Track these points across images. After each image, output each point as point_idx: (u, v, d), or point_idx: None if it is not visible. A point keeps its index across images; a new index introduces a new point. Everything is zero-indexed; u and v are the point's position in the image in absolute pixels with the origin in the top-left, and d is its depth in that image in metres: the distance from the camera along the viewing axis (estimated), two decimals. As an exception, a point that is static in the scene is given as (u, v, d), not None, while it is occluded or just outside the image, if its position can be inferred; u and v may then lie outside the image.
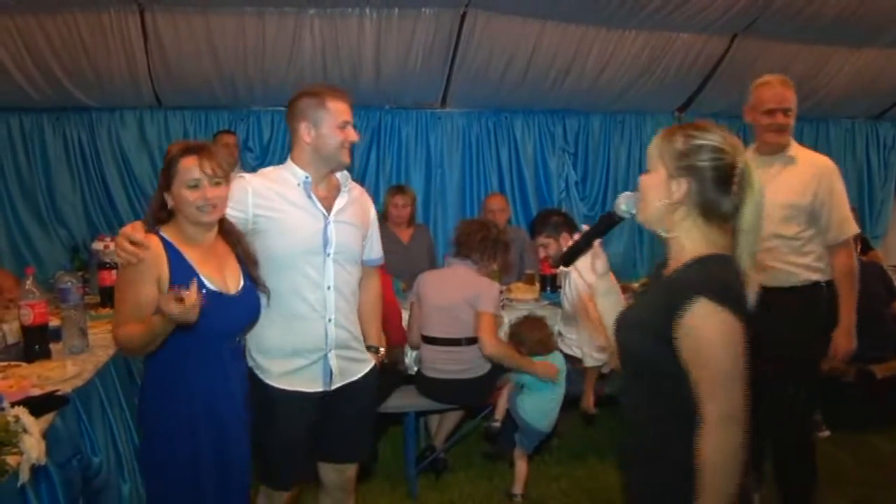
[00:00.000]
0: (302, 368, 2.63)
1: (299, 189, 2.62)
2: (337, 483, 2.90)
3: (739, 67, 6.43)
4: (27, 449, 1.83)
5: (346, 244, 2.68)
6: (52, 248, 6.09)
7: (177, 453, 2.35)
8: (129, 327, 2.22)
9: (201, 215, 2.35)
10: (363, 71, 5.91)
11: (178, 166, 2.33)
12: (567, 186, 7.08)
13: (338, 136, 2.60)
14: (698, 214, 1.69)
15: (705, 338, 1.56)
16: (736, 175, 1.66)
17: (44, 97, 5.72)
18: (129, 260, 2.22)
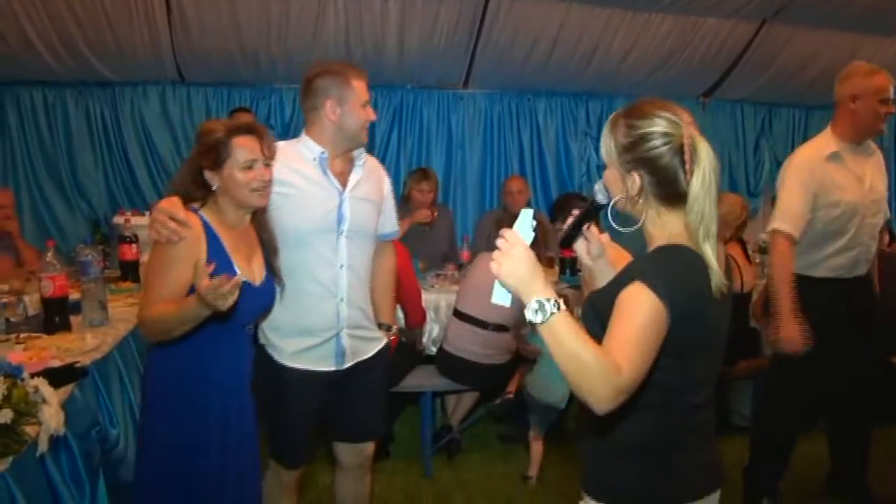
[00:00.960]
0: (313, 347, 2.61)
1: (314, 164, 2.58)
2: (354, 462, 2.89)
3: (767, 54, 6.36)
4: (46, 419, 1.84)
5: (360, 221, 2.64)
6: (74, 222, 6.12)
7: (183, 435, 2.31)
8: (160, 307, 2.12)
9: (254, 197, 2.30)
10: (386, 50, 5.87)
11: (231, 146, 2.24)
12: (588, 170, 7.03)
13: (361, 116, 2.59)
14: (659, 202, 1.65)
15: (627, 310, 1.51)
16: (685, 152, 1.59)
17: (66, 70, 5.72)
18: (170, 238, 2.13)
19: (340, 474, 2.95)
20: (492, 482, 3.97)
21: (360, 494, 2.98)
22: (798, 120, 7.48)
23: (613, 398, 1.42)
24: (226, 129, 2.27)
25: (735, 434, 4.46)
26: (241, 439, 2.45)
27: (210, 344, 2.29)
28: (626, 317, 1.50)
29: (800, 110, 7.43)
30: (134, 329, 3.11)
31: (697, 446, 1.72)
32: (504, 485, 3.95)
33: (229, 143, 2.24)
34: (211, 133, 2.28)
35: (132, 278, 3.78)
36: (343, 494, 2.97)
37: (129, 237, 3.86)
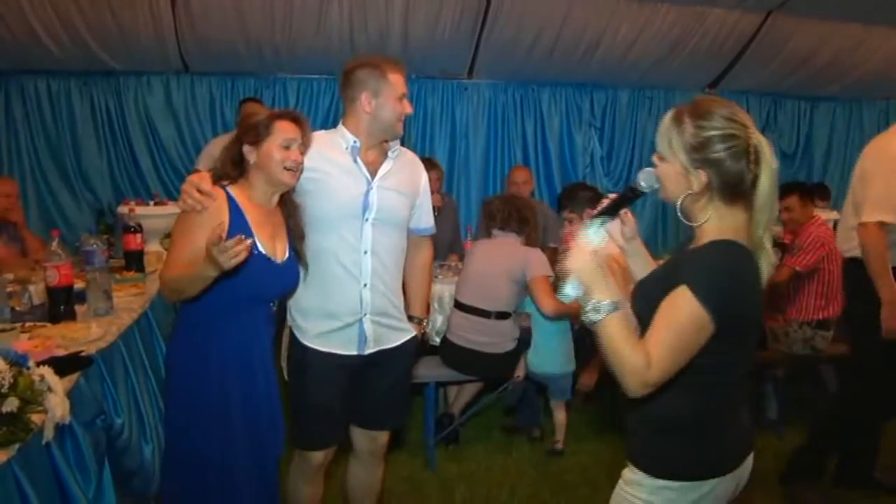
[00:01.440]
0: (336, 330, 2.65)
1: (346, 152, 2.63)
2: (368, 449, 2.91)
3: (772, 45, 6.34)
4: (51, 407, 1.85)
5: (388, 209, 2.66)
6: (80, 212, 6.15)
7: (206, 408, 2.38)
8: (178, 269, 2.25)
9: (286, 175, 2.41)
10: (390, 39, 5.86)
11: (274, 126, 2.39)
12: (592, 161, 7.03)
13: (396, 108, 2.62)
14: (720, 200, 1.72)
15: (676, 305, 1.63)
16: (751, 154, 1.67)
17: (71, 60, 5.73)
18: (194, 207, 2.28)
19: (353, 461, 2.97)
20: (494, 473, 3.98)
21: (370, 483, 3.00)
22: (803, 111, 7.47)
23: (640, 390, 1.62)
24: (270, 113, 2.45)
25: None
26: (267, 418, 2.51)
27: (229, 315, 2.38)
28: (668, 319, 1.64)
29: (805, 101, 7.42)
30: (139, 318, 3.12)
31: (735, 418, 1.84)
32: (507, 476, 3.96)
33: (272, 123, 2.40)
34: (255, 115, 2.47)
35: (137, 268, 3.78)
36: (354, 482, 3.00)
37: (133, 227, 3.85)
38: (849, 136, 7.62)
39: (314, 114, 6.43)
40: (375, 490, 3.04)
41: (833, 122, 7.58)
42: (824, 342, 4.50)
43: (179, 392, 2.44)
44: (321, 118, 6.42)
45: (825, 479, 3.70)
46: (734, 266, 1.68)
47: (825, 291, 4.48)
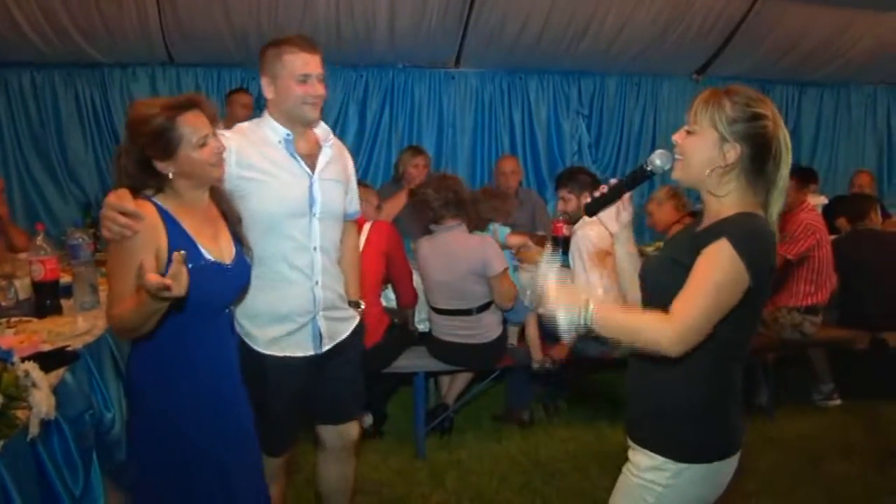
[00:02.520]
0: (291, 333, 2.58)
1: (280, 147, 2.51)
2: (339, 444, 2.87)
3: (760, 30, 6.33)
4: (36, 403, 1.84)
5: (331, 202, 2.61)
6: (65, 205, 6.11)
7: (177, 431, 2.17)
8: (123, 306, 1.95)
9: (214, 171, 2.16)
10: (377, 29, 5.83)
11: (178, 129, 2.05)
12: (580, 149, 7.02)
13: (296, 91, 2.46)
14: (745, 178, 1.79)
15: (706, 264, 1.70)
16: (781, 141, 1.77)
17: (55, 52, 5.68)
18: (123, 233, 1.95)
19: (324, 456, 2.91)
20: (485, 462, 3.98)
21: (344, 476, 2.96)
22: (791, 96, 7.47)
23: (671, 343, 1.65)
24: (165, 111, 2.05)
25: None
26: (239, 426, 2.34)
27: (191, 331, 2.15)
28: (704, 269, 1.70)
29: (793, 87, 7.42)
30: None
31: (740, 397, 1.90)
32: (497, 464, 3.96)
33: (175, 126, 2.05)
34: (149, 119, 2.04)
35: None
36: (327, 477, 2.94)
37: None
38: (836, 121, 7.63)
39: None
40: (349, 485, 3.00)
41: (821, 108, 7.58)
42: (813, 327, 4.52)
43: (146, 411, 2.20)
44: (309, 108, 6.37)
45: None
46: (766, 233, 1.76)
47: (815, 278, 4.50)
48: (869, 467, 3.91)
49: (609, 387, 4.71)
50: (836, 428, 4.42)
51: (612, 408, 4.42)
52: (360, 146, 6.48)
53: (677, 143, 1.85)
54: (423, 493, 3.69)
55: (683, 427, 1.85)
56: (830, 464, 3.96)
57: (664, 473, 1.84)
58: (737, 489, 3.55)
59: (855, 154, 7.67)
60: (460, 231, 3.91)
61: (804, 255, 4.45)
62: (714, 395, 1.83)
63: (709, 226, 1.81)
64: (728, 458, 1.87)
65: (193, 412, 2.18)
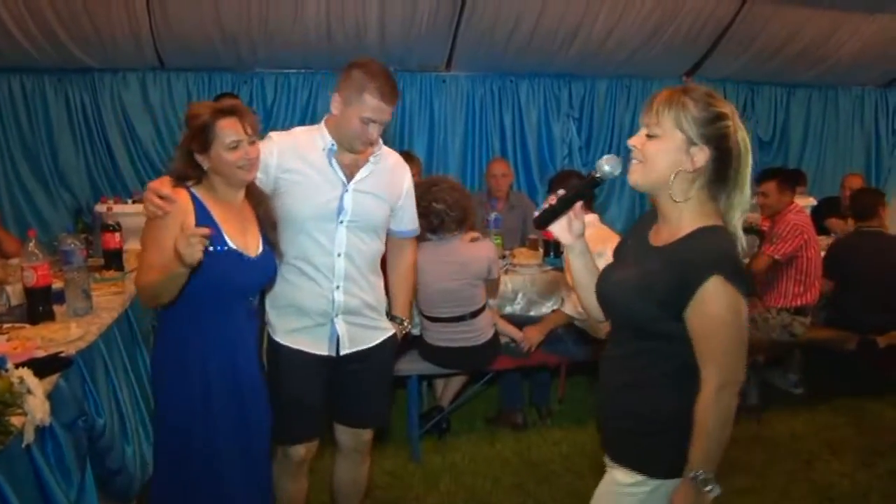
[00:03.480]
0: (306, 329, 2.66)
1: (323, 154, 2.60)
2: (352, 446, 2.92)
3: (749, 32, 6.38)
4: (31, 409, 1.84)
5: (363, 213, 2.65)
6: (56, 212, 6.08)
7: (192, 409, 2.37)
8: (150, 273, 2.24)
9: (242, 174, 2.39)
10: (368, 32, 5.84)
11: (216, 129, 2.33)
12: (570, 151, 7.04)
13: (357, 128, 2.55)
14: (708, 182, 1.73)
15: (714, 313, 1.66)
16: (741, 142, 1.71)
17: (45, 57, 5.67)
18: (156, 213, 2.26)
19: (339, 457, 2.98)
20: (478, 464, 3.99)
21: (356, 478, 3.01)
22: (780, 98, 7.52)
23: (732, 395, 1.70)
24: (210, 113, 2.35)
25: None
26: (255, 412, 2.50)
27: (207, 314, 2.37)
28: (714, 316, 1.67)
29: (782, 88, 7.47)
30: (119, 318, 3.10)
31: None
32: (491, 466, 3.97)
33: (214, 127, 2.33)
34: (196, 117, 2.36)
35: (116, 267, 3.75)
36: (339, 479, 3.01)
37: (111, 225, 3.82)
38: (825, 122, 7.67)
39: (292, 109, 6.40)
40: (361, 486, 3.06)
41: (809, 110, 7.63)
42: (802, 328, 4.55)
43: (167, 392, 2.43)
44: (299, 113, 6.38)
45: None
46: (736, 246, 1.73)
47: (803, 278, 4.53)
48: (858, 465, 3.94)
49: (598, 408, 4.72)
50: (826, 427, 4.45)
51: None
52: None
53: (636, 147, 1.78)
54: (417, 495, 3.70)
55: (658, 443, 1.83)
56: (821, 462, 3.99)
57: (644, 488, 1.84)
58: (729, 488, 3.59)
59: (843, 156, 7.72)
60: (460, 240, 3.90)
61: (792, 256, 4.48)
62: (689, 408, 1.75)
63: (676, 245, 1.75)
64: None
65: (206, 391, 2.38)
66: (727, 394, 1.69)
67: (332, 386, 2.74)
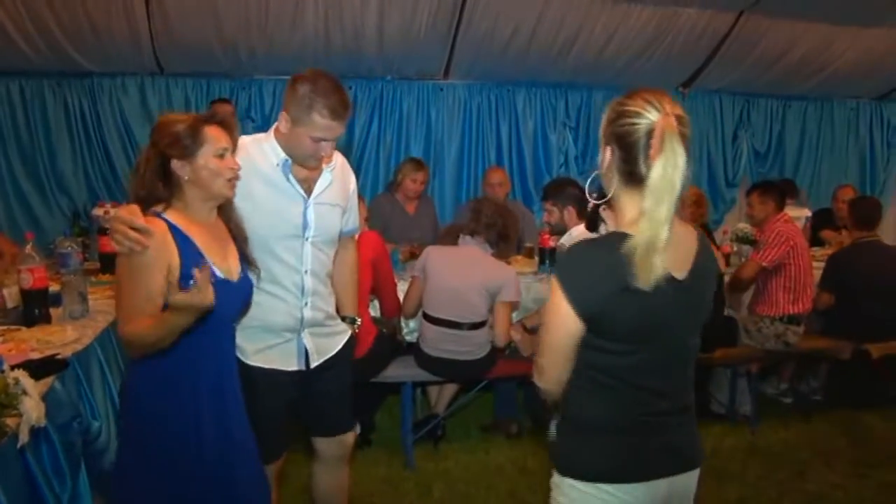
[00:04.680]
0: (275, 346, 2.60)
1: (278, 169, 2.51)
2: (335, 454, 2.90)
3: (745, 44, 6.41)
4: (27, 411, 1.85)
5: (325, 227, 2.61)
6: (51, 216, 6.07)
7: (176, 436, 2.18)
8: (141, 323, 1.99)
9: (227, 187, 2.21)
10: (366, 41, 5.86)
11: (203, 134, 2.15)
12: (566, 161, 7.06)
13: (309, 148, 2.46)
14: (621, 180, 1.72)
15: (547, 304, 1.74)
16: (654, 138, 1.61)
17: (44, 61, 5.68)
18: (133, 248, 1.99)
19: (319, 465, 2.94)
20: (472, 471, 4.00)
21: (338, 485, 2.99)
22: (776, 110, 7.54)
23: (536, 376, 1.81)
24: (193, 119, 2.18)
25: (714, 421, 4.54)
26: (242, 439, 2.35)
27: (197, 345, 2.15)
28: (545, 315, 1.74)
29: (778, 100, 7.50)
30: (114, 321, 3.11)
31: (658, 429, 1.77)
32: (485, 473, 3.98)
33: (201, 131, 2.15)
34: (176, 122, 2.16)
35: (112, 270, 3.76)
36: (322, 486, 2.97)
37: (108, 229, 3.83)
38: (820, 134, 7.70)
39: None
40: (344, 492, 3.03)
41: (805, 121, 7.65)
42: (795, 337, 4.56)
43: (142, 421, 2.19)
44: (297, 119, 6.39)
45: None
46: (604, 260, 1.64)
47: (793, 286, 4.54)
48: (851, 476, 3.95)
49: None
50: (819, 437, 4.47)
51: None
52: (347, 158, 6.43)
53: None
54: (410, 502, 3.70)
55: (571, 441, 1.82)
56: (814, 473, 4.00)
57: (557, 490, 1.82)
58: (722, 499, 3.60)
59: (838, 168, 7.74)
60: (483, 249, 3.97)
61: (780, 263, 4.50)
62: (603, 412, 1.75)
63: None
64: (617, 483, 1.74)
65: (196, 424, 2.19)
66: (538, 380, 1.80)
67: (305, 400, 2.71)
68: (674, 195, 1.58)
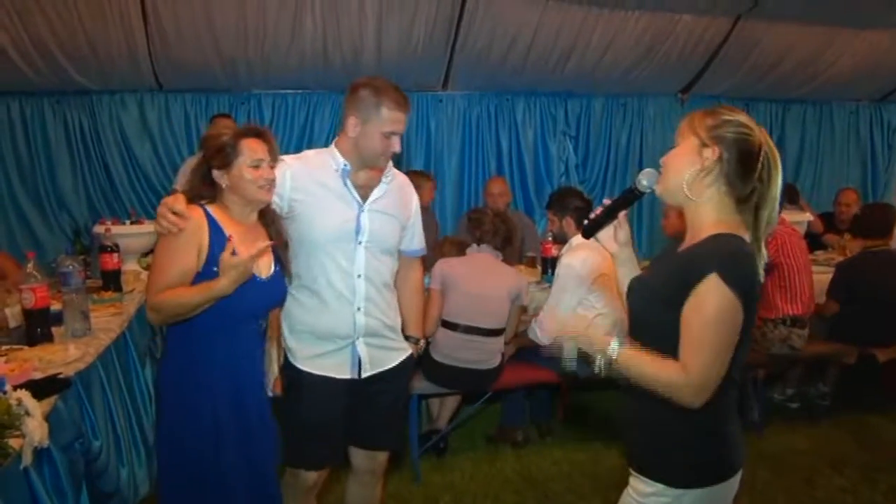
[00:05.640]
0: (328, 353, 2.63)
1: (337, 175, 2.59)
2: (368, 468, 2.89)
3: (743, 49, 6.42)
4: (29, 432, 1.84)
5: (379, 233, 2.64)
6: (52, 235, 6.09)
7: (198, 429, 2.35)
8: (178, 291, 2.22)
9: (261, 193, 2.39)
10: (364, 53, 5.88)
11: (241, 146, 2.35)
12: (567, 169, 7.07)
13: (380, 144, 2.55)
14: (723, 184, 1.76)
15: (701, 309, 1.68)
16: (762, 155, 1.73)
17: (44, 80, 5.70)
18: (170, 229, 2.24)
19: (353, 480, 2.95)
20: (479, 482, 3.97)
21: (370, 501, 2.98)
22: (775, 114, 7.56)
23: (692, 398, 1.70)
24: (234, 132, 2.39)
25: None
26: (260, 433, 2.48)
27: (215, 335, 2.35)
28: (702, 312, 1.68)
29: (777, 104, 7.51)
30: (117, 339, 3.10)
31: (735, 420, 1.88)
32: (491, 485, 3.95)
33: (238, 144, 2.35)
34: (219, 136, 2.39)
35: (114, 288, 3.76)
36: (354, 501, 2.98)
37: (110, 246, 3.83)
38: (820, 138, 7.72)
39: (289, 129, 6.43)
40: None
41: (804, 125, 7.67)
42: (801, 340, 4.53)
43: (173, 412, 2.40)
44: (296, 134, 6.42)
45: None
46: (748, 254, 1.73)
47: (788, 285, 4.50)
48: (861, 481, 3.92)
49: (603, 406, 4.73)
50: (827, 442, 4.44)
51: (605, 428, 4.43)
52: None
53: (662, 163, 1.87)
54: (417, 515, 3.68)
55: (681, 452, 1.83)
56: (823, 478, 3.97)
57: (663, 499, 1.83)
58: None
59: (839, 171, 7.76)
60: (496, 256, 4.05)
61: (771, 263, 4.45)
62: (711, 419, 1.80)
63: (691, 248, 1.79)
64: (728, 479, 1.86)
65: (212, 413, 2.35)
66: (688, 394, 1.70)
67: (351, 409, 2.70)
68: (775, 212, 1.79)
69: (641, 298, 1.90)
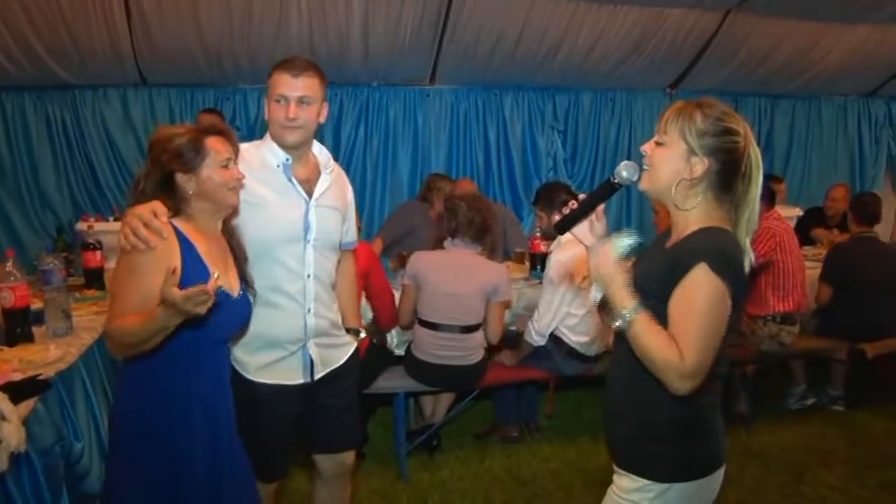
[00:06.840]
0: (280, 360, 2.54)
1: (279, 171, 2.49)
2: (336, 471, 2.83)
3: (732, 44, 6.41)
4: (6, 437, 1.80)
5: (326, 230, 2.57)
6: (34, 233, 6.01)
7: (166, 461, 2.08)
8: (128, 318, 1.91)
9: (232, 196, 2.19)
10: (351, 48, 5.83)
11: (206, 147, 2.11)
12: (555, 164, 7.04)
13: (275, 112, 2.47)
14: (711, 192, 1.78)
15: (690, 298, 1.69)
16: (752, 158, 1.78)
17: (25, 74, 5.61)
18: (138, 246, 1.94)
19: (320, 483, 2.87)
20: (467, 481, 3.95)
21: (339, 503, 2.93)
22: (764, 108, 7.55)
23: (681, 384, 1.67)
24: (194, 131, 2.14)
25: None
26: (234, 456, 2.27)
27: (190, 361, 2.10)
28: (689, 303, 1.69)
29: (766, 99, 7.51)
30: (99, 338, 3.05)
31: (718, 414, 1.89)
32: (480, 484, 3.93)
33: (203, 144, 2.11)
34: (175, 137, 2.11)
35: (97, 286, 3.71)
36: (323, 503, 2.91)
37: (92, 244, 3.78)
38: (809, 132, 7.73)
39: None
40: None
41: (793, 120, 7.67)
42: (790, 337, 4.53)
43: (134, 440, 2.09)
44: (283, 128, 6.36)
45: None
46: (736, 247, 1.75)
47: (781, 283, 4.51)
48: (850, 478, 3.92)
49: (590, 404, 4.71)
50: (816, 438, 4.44)
51: (593, 425, 4.42)
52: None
53: (646, 154, 1.85)
54: (405, 514, 3.66)
55: (664, 447, 1.83)
56: (813, 475, 3.97)
57: (647, 494, 1.83)
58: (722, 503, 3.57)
59: (827, 165, 7.77)
60: (475, 251, 3.92)
61: (766, 260, 4.46)
62: (694, 412, 1.81)
63: (678, 243, 1.79)
64: (713, 472, 1.86)
65: (189, 443, 2.10)
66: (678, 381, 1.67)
67: (305, 417, 2.65)
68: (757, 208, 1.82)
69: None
